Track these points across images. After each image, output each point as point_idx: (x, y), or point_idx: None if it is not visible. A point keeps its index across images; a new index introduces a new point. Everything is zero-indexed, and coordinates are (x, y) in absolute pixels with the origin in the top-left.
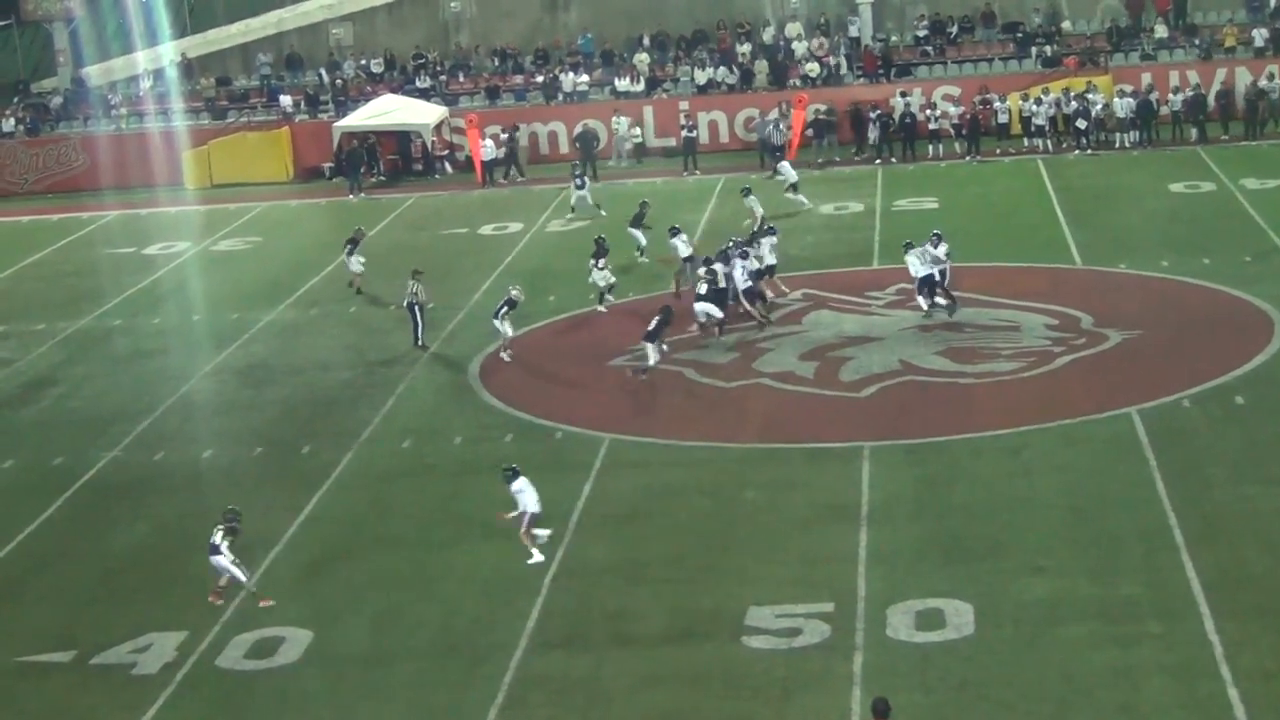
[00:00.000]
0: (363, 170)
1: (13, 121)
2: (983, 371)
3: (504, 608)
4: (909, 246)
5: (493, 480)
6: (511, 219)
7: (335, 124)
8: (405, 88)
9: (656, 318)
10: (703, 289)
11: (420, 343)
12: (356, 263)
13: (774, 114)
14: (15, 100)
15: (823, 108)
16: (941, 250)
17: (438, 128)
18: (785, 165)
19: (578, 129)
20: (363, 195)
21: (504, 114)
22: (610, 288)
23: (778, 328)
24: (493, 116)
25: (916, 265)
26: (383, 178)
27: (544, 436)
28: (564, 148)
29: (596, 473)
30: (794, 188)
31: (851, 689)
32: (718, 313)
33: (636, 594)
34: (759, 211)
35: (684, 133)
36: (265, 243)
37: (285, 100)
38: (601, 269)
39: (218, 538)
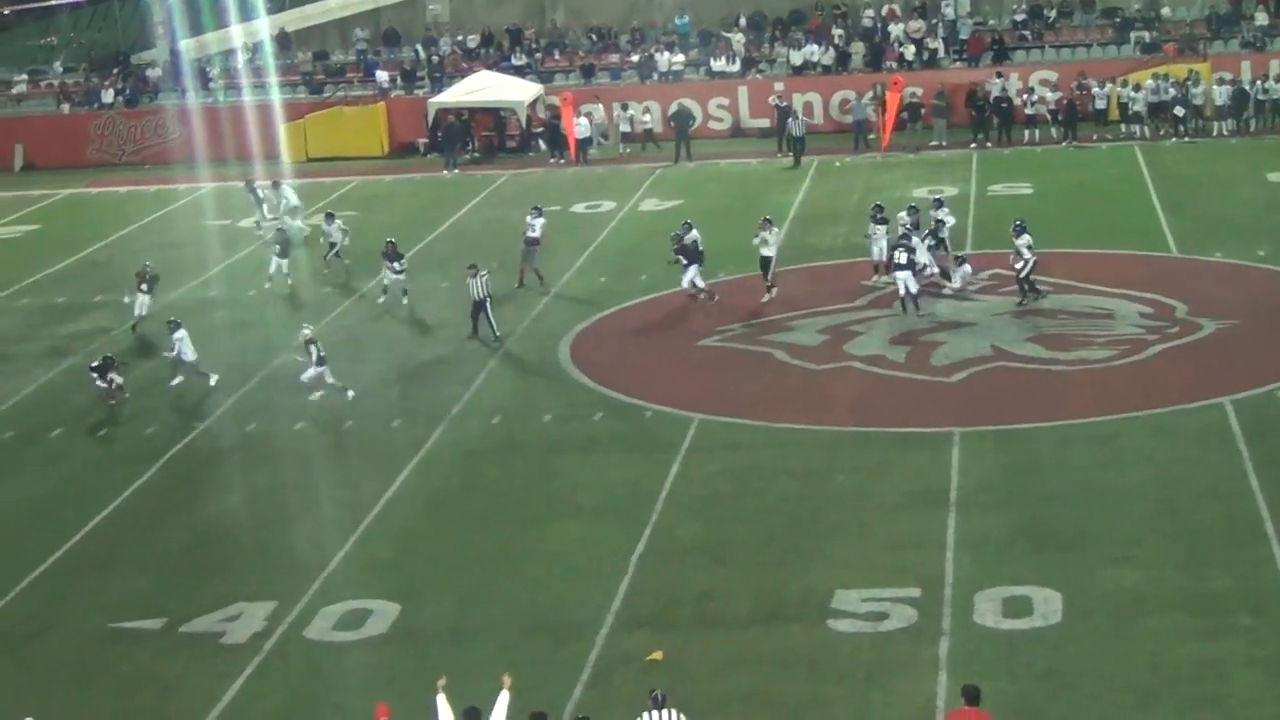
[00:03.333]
0: (458, 147)
1: (112, 93)
2: (1075, 359)
3: (590, 586)
4: (1020, 230)
5: (583, 458)
6: (605, 197)
7: (431, 100)
8: (501, 65)
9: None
10: (903, 258)
11: (496, 335)
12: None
13: (868, 96)
14: (115, 71)
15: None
16: (1024, 241)
17: (532, 105)
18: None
19: (673, 108)
20: (457, 171)
21: (598, 92)
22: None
23: (872, 310)
24: (587, 95)
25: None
26: (477, 154)
27: (633, 415)
28: (658, 127)
29: (685, 453)
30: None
31: (937, 674)
32: (914, 285)
33: (723, 575)
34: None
35: (783, 118)
36: (360, 217)
37: (381, 76)
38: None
39: None
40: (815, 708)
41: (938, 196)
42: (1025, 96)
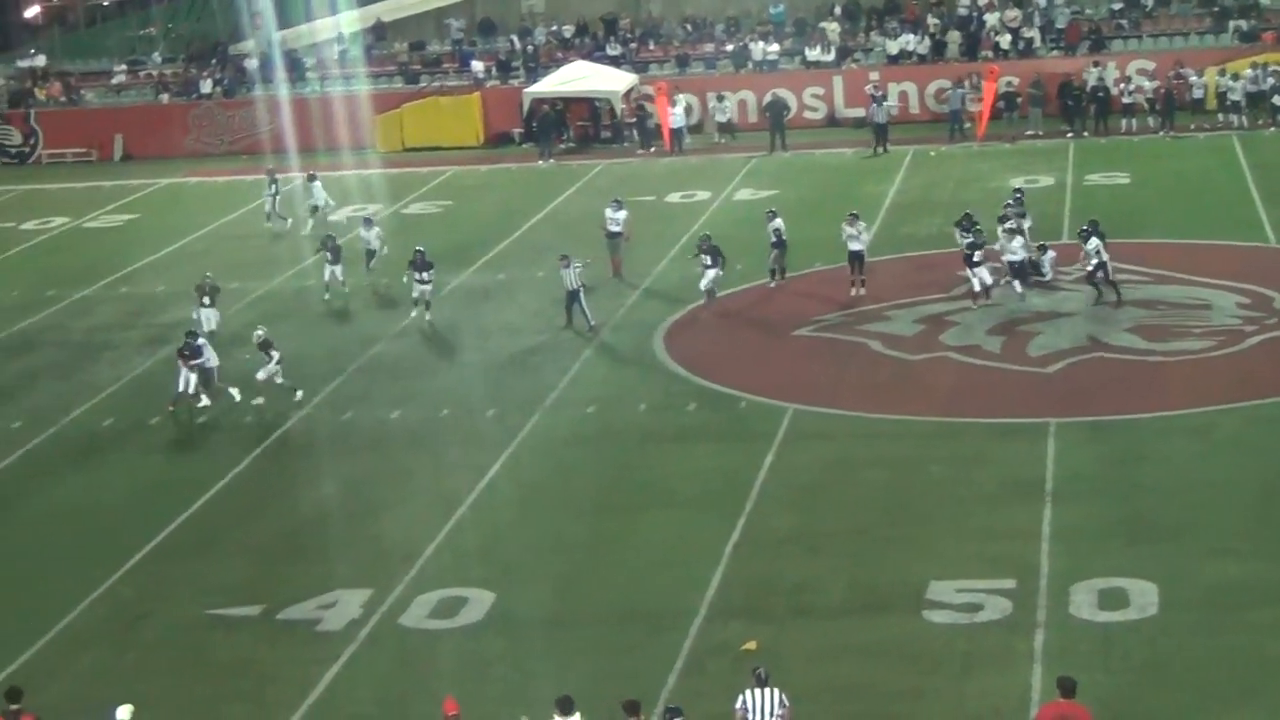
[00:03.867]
0: (553, 137)
1: (210, 83)
2: (1172, 350)
3: (685, 575)
4: (1087, 235)
5: (677, 447)
6: (699, 187)
7: (526, 90)
8: (595, 54)
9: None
10: (976, 255)
11: (591, 324)
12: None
13: (965, 86)
14: (213, 62)
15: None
16: (1093, 245)
17: (627, 95)
18: None
19: (767, 98)
20: (552, 161)
21: (693, 82)
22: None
23: (968, 300)
24: (682, 84)
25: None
26: (572, 144)
27: (728, 405)
28: (752, 116)
29: (779, 443)
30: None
31: (1032, 666)
32: (989, 278)
33: (817, 565)
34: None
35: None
36: (455, 207)
37: (477, 66)
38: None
39: None
40: (909, 699)
41: (1017, 189)
42: (1122, 86)
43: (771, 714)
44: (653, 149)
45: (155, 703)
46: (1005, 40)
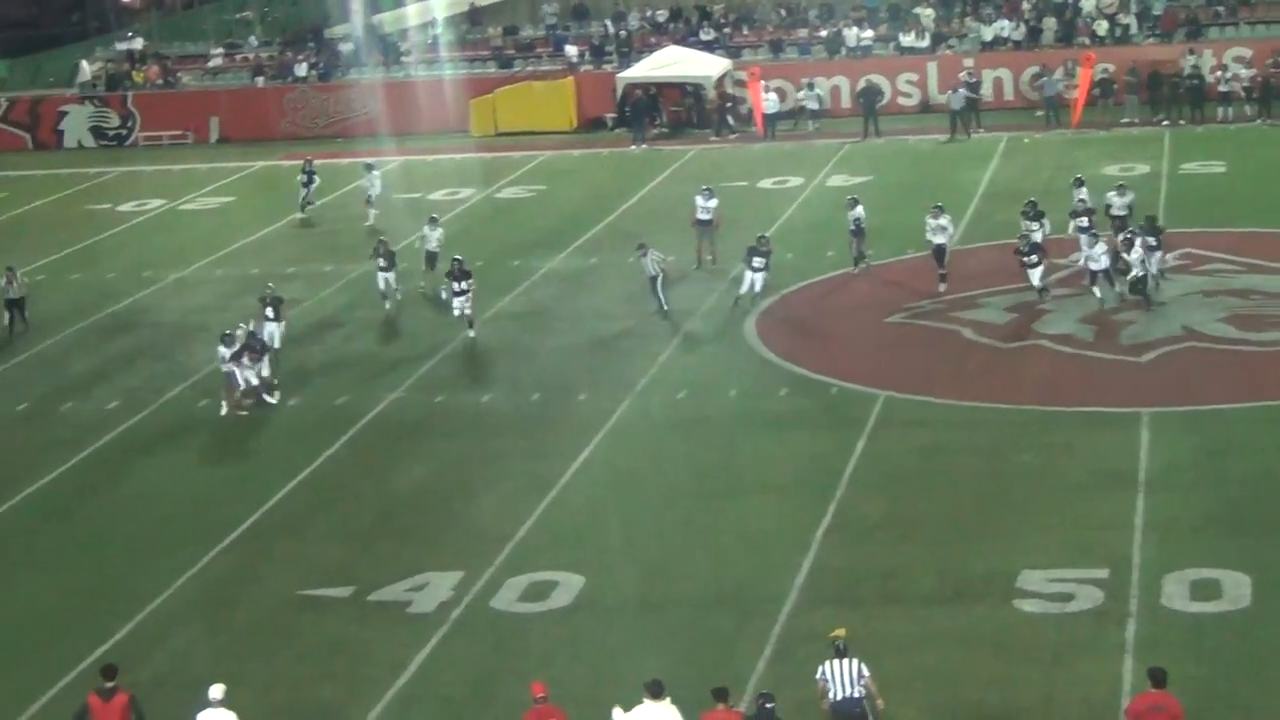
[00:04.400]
0: (646, 122)
1: (305, 66)
2: (1267, 340)
3: (775, 562)
4: (1130, 241)
5: (768, 433)
6: (792, 173)
7: (619, 75)
8: (689, 39)
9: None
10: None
11: (665, 309)
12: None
13: (1059, 72)
14: (309, 46)
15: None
16: (1135, 255)
17: (720, 80)
18: None
19: (861, 84)
20: (645, 146)
21: (786, 68)
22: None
23: (1061, 289)
24: (775, 70)
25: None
26: (665, 129)
27: (819, 391)
28: (845, 102)
29: (870, 430)
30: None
31: (1123, 657)
32: (1037, 279)
33: (908, 553)
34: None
35: (966, 90)
36: (548, 191)
37: (570, 50)
38: (757, 269)
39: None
40: (999, 688)
41: (1079, 176)
42: (1219, 74)
43: (853, 684)
44: (735, 135)
45: (247, 682)
46: (1102, 27)
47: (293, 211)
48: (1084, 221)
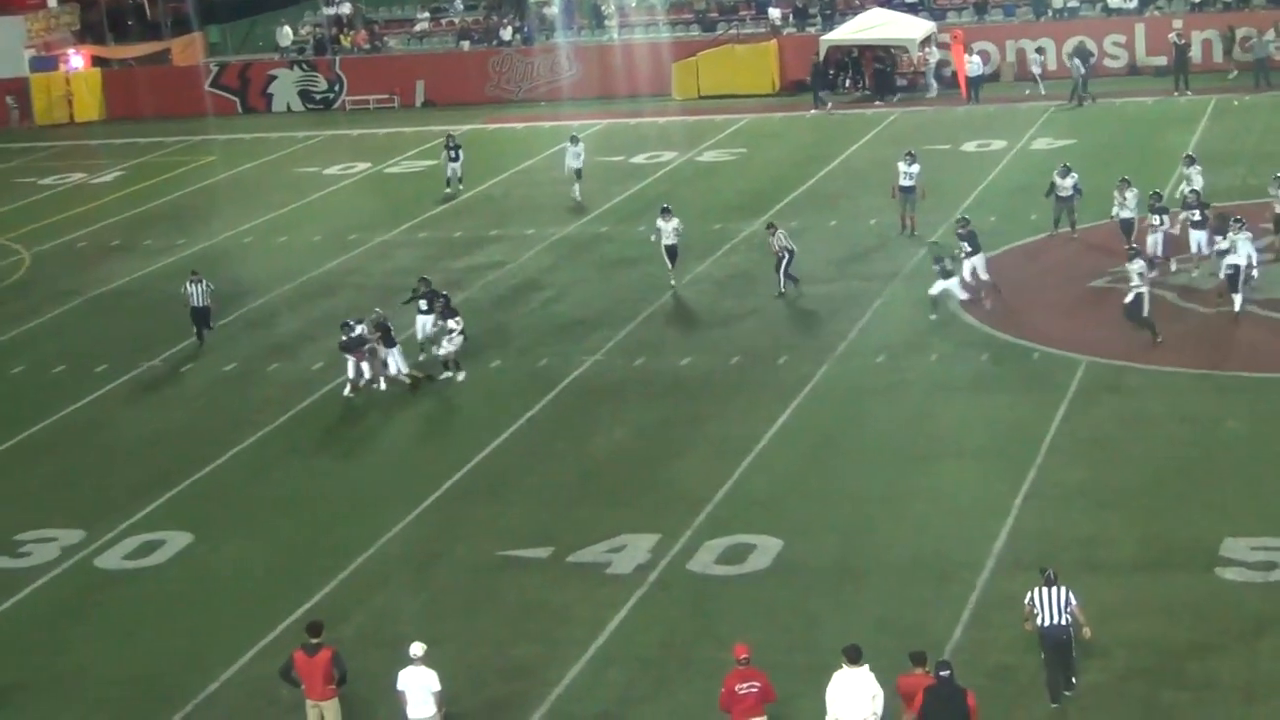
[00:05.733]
0: (846, 84)
1: (510, 30)
2: None
3: (973, 527)
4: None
5: (968, 398)
6: (995, 136)
7: (823, 38)
8: (893, 1)
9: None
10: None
11: (781, 291)
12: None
13: (1270, 34)
14: (513, 10)
15: None
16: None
17: (924, 43)
18: None
19: (1069, 46)
20: (820, 111)
21: (991, 30)
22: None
23: (1269, 254)
24: (979, 32)
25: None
26: (867, 92)
27: (1020, 357)
28: (1051, 64)
29: (1072, 395)
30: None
31: None
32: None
33: (1108, 520)
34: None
35: (1180, 55)
36: (749, 154)
37: (774, 13)
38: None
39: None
40: (1200, 656)
41: (1189, 154)
42: None
43: (1060, 612)
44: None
45: (447, 641)
46: None
47: (495, 175)
48: (1195, 215)
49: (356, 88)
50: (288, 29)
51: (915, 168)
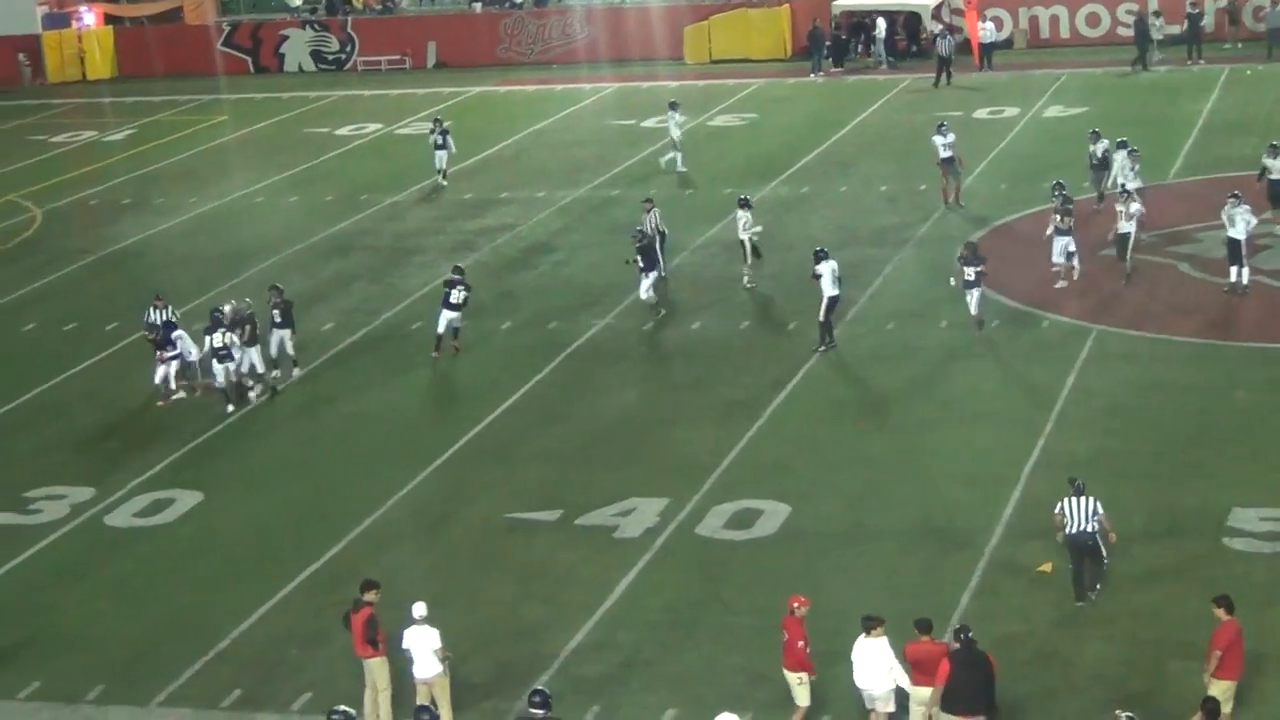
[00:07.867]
0: (825, 52)
1: None
2: None
3: (982, 495)
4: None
5: (978, 365)
6: (1008, 104)
7: (835, 3)
8: None
9: None
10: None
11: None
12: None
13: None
14: None
15: None
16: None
17: (938, 9)
18: None
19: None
20: (822, 76)
21: None
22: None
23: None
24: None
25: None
26: (881, 60)
27: (1031, 324)
28: (1064, 32)
29: (1081, 364)
30: None
31: None
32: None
33: (1117, 488)
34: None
35: (1193, 24)
36: (760, 119)
37: None
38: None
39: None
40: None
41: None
42: None
43: (1088, 519)
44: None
45: (454, 602)
46: None
47: (506, 137)
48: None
49: (368, 48)
50: None
51: (951, 137)
